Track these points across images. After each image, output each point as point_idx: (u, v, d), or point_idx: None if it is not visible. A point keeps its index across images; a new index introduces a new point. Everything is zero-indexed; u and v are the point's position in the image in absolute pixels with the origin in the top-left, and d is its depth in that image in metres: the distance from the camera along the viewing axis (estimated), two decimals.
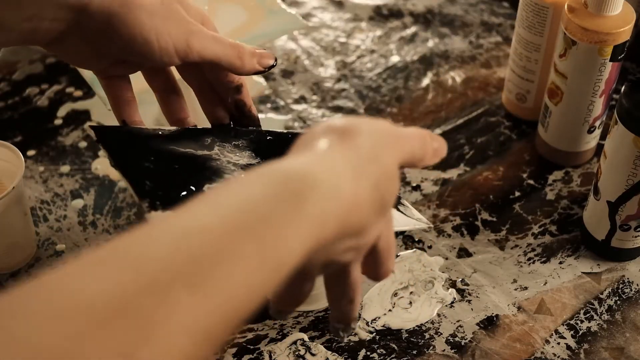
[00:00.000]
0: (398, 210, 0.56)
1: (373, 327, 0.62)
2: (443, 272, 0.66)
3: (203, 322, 0.30)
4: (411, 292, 0.65)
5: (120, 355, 0.27)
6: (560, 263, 0.67)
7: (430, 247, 0.68)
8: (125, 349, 0.27)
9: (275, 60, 0.55)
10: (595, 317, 0.63)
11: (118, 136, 0.53)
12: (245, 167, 0.52)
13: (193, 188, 0.48)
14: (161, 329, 0.28)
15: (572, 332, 0.62)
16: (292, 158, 0.38)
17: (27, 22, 0.48)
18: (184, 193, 0.47)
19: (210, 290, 0.30)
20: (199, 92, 0.58)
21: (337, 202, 0.37)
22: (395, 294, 0.64)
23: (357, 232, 0.39)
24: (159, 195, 0.47)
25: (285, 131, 0.60)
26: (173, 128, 0.55)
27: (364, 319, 0.63)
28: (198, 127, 0.57)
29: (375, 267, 0.44)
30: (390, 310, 0.63)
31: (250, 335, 0.62)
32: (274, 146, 0.56)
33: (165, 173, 0.49)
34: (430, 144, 0.45)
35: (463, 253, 0.68)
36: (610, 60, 0.67)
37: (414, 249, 0.68)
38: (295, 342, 0.61)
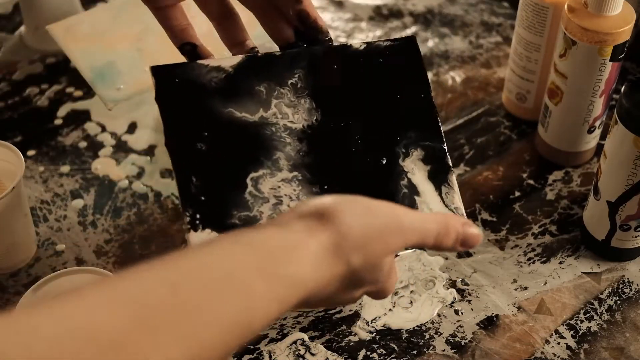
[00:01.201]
0: (439, 194, 0.54)
1: (373, 327, 0.62)
2: (443, 272, 0.66)
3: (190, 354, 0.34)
4: (412, 292, 0.65)
5: None
6: (560, 263, 0.67)
7: None
8: None
9: None
10: (595, 317, 0.63)
11: (176, 90, 0.52)
12: (301, 133, 0.52)
13: (237, 180, 0.50)
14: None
15: (572, 332, 0.62)
16: (265, 241, 0.40)
17: None
18: (232, 219, 0.49)
19: (192, 331, 0.35)
20: (258, 10, 0.56)
21: (301, 287, 0.39)
22: (395, 293, 0.64)
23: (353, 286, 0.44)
24: (201, 203, 0.49)
25: (339, 44, 0.57)
26: (234, 61, 0.54)
27: (364, 319, 0.63)
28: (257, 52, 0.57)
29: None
30: (390, 309, 0.63)
31: None
32: (329, 62, 0.55)
33: (213, 161, 0.51)
34: (453, 230, 0.46)
35: (463, 253, 0.68)
36: (610, 60, 0.67)
37: (414, 249, 0.68)
38: (295, 342, 0.61)
